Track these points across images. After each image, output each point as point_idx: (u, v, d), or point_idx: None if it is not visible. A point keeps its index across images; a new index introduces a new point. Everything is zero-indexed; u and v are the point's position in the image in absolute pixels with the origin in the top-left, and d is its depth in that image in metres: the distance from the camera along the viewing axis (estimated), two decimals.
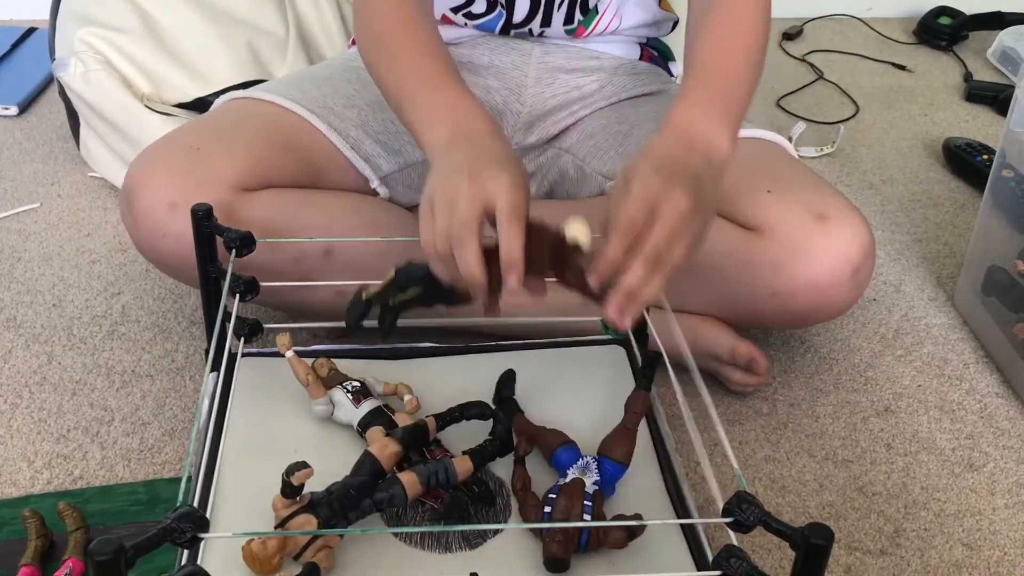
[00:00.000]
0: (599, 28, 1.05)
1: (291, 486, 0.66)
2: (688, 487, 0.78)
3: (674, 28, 1.15)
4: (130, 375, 1.04)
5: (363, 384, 0.82)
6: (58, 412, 0.99)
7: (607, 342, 0.93)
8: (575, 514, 0.70)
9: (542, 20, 1.03)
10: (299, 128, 1.00)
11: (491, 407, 0.80)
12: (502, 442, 0.77)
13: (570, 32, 1.05)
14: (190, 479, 0.74)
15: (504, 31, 1.05)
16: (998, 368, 1.12)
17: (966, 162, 1.53)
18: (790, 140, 1.58)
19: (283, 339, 0.81)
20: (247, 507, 0.71)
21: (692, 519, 0.73)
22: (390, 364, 0.89)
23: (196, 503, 0.71)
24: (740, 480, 0.62)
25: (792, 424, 1.03)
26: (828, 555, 0.54)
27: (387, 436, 0.75)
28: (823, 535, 0.54)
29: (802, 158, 1.56)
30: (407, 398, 0.82)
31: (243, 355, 0.85)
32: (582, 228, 0.69)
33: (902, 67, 1.93)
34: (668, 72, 1.16)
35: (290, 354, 0.81)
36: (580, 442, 0.77)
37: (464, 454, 0.74)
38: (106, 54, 1.31)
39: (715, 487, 0.64)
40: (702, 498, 0.89)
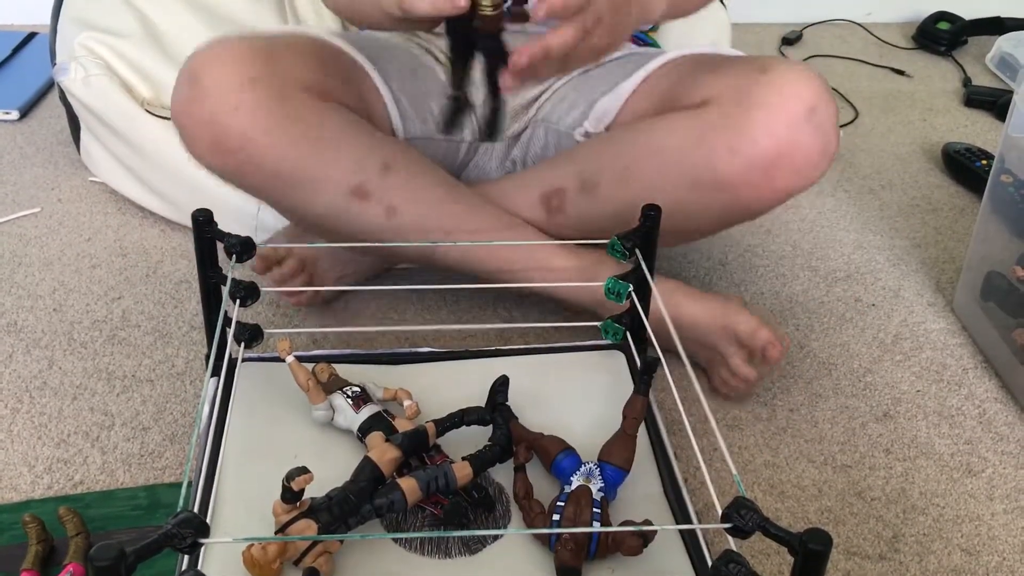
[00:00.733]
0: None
1: (291, 491, 0.66)
2: (687, 492, 0.79)
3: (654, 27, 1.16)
4: (130, 380, 1.04)
5: (363, 389, 0.82)
6: (58, 417, 0.99)
7: (606, 347, 0.93)
8: (584, 521, 0.70)
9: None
10: (352, 67, 1.02)
11: (490, 412, 0.80)
12: (502, 448, 0.77)
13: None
14: (190, 484, 0.75)
15: None
16: (997, 373, 1.13)
17: (965, 167, 1.53)
18: None
19: (283, 344, 0.81)
20: (247, 512, 0.71)
21: (691, 525, 0.73)
22: (390, 369, 0.89)
23: (196, 508, 0.71)
24: (739, 486, 0.62)
25: (791, 429, 1.03)
26: (827, 560, 0.54)
27: (387, 442, 0.75)
28: (821, 541, 0.54)
29: None
30: (407, 403, 0.83)
31: (243, 360, 0.85)
32: None
33: (901, 72, 1.93)
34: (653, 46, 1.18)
35: (290, 359, 0.81)
36: (580, 448, 0.77)
37: (464, 460, 0.74)
38: (107, 59, 1.31)
39: (714, 492, 0.64)
40: (701, 503, 0.89)
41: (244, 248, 0.81)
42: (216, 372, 0.83)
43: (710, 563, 0.69)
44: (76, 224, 1.31)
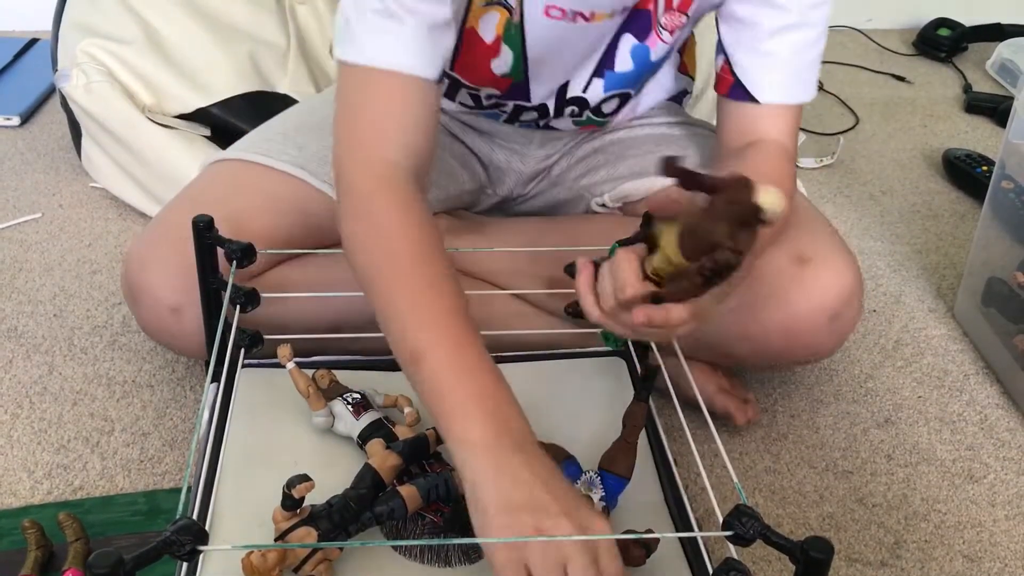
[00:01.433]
0: (612, 125, 1.05)
1: (291, 499, 0.66)
2: (688, 499, 0.78)
3: (686, 96, 1.12)
4: (131, 385, 1.04)
5: (363, 396, 0.82)
6: (58, 422, 0.99)
7: (607, 354, 0.93)
8: None
9: (553, 116, 1.00)
10: (299, 191, 0.93)
11: None
12: None
13: (579, 124, 1.03)
14: (189, 490, 0.74)
15: (508, 122, 1.02)
16: (998, 379, 1.12)
17: (966, 173, 1.53)
18: None
19: (284, 350, 0.81)
20: (247, 519, 0.71)
21: (692, 532, 0.73)
22: (390, 376, 0.89)
23: (196, 515, 0.70)
24: (740, 493, 0.62)
25: (792, 435, 1.03)
26: (828, 568, 0.54)
27: (387, 449, 0.75)
28: (822, 549, 0.54)
29: (802, 169, 1.56)
30: (407, 410, 0.82)
31: (243, 366, 0.85)
32: (777, 200, 0.56)
33: (902, 78, 1.93)
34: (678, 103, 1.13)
35: (291, 365, 0.81)
36: (581, 455, 0.77)
37: None
38: (108, 65, 1.31)
39: (715, 499, 0.64)
40: (702, 510, 0.89)
41: (244, 254, 0.81)
42: (216, 378, 0.83)
43: (711, 571, 0.68)
44: (77, 230, 1.31)
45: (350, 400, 0.81)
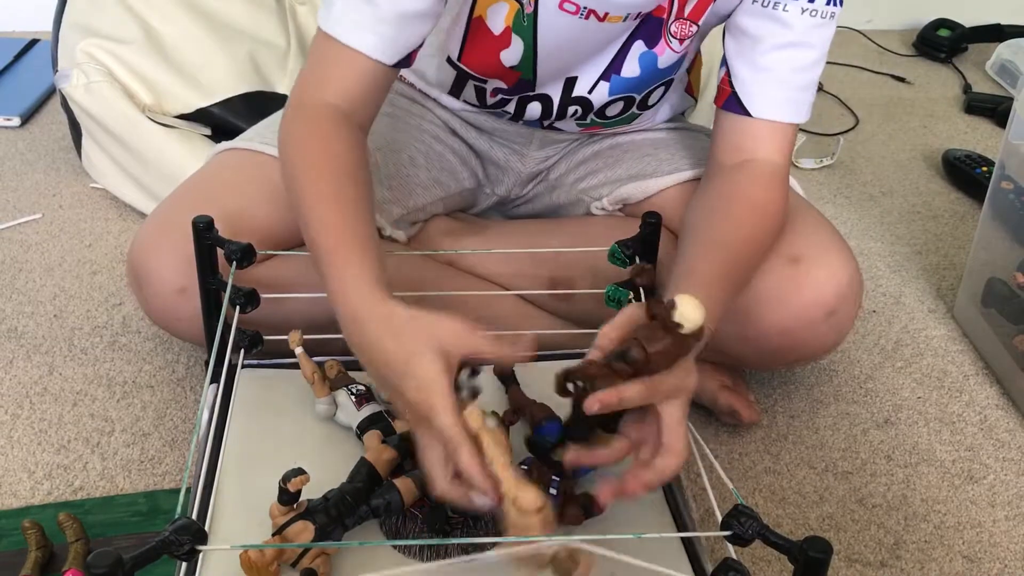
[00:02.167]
0: (622, 131, 1.05)
1: (288, 493, 0.66)
2: (687, 499, 0.78)
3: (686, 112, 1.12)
4: (131, 386, 1.04)
5: (368, 388, 0.82)
6: (59, 423, 0.99)
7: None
8: (546, 473, 0.70)
9: (555, 117, 1.00)
10: None
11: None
12: None
13: (581, 126, 1.03)
14: (188, 490, 0.74)
15: (513, 120, 1.02)
16: (998, 380, 1.12)
17: (965, 174, 1.53)
18: None
19: (295, 336, 0.82)
20: (246, 516, 0.71)
21: (691, 532, 0.73)
22: None
23: (195, 514, 0.70)
24: (736, 495, 0.62)
25: (792, 436, 1.03)
26: (827, 568, 0.54)
27: (383, 443, 0.75)
28: (821, 548, 0.54)
29: (802, 170, 1.57)
30: None
31: (243, 367, 0.85)
32: (695, 309, 0.61)
33: (902, 79, 1.93)
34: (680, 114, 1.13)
35: (300, 350, 0.81)
36: None
37: None
38: (108, 65, 1.31)
39: (714, 499, 0.64)
40: (702, 510, 0.89)
41: (244, 255, 0.81)
42: (216, 378, 0.83)
43: (709, 571, 0.68)
44: (77, 230, 1.31)
45: (354, 391, 0.81)
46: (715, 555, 0.76)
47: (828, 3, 0.85)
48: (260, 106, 1.30)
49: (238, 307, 0.82)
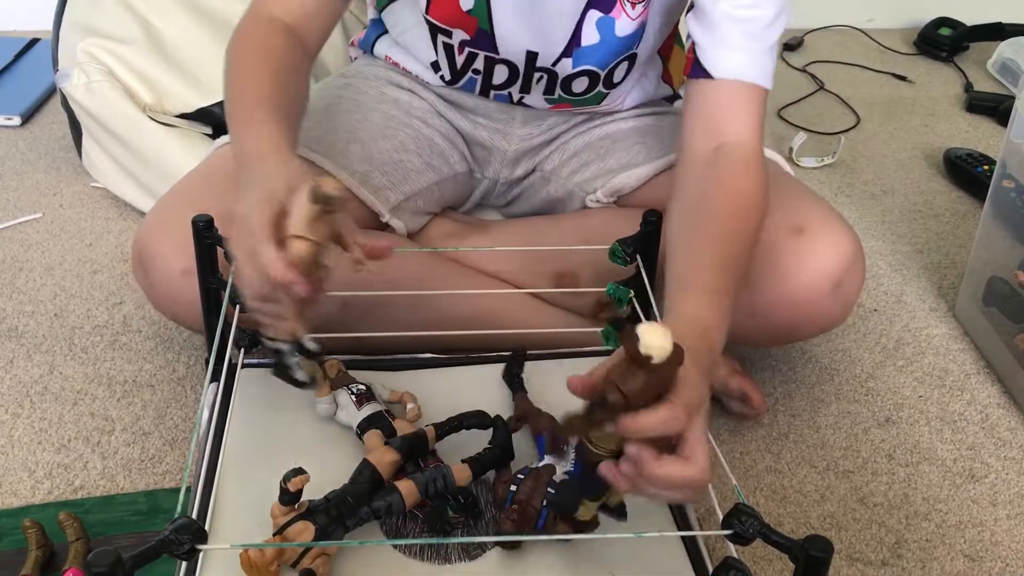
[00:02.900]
0: (598, 119, 1.05)
1: (288, 493, 0.66)
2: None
3: (677, 101, 1.12)
4: (131, 385, 1.04)
5: (369, 388, 0.82)
6: (59, 422, 0.99)
7: (607, 353, 0.93)
8: (536, 497, 0.69)
9: (520, 87, 1.01)
10: (311, 173, 0.94)
11: (490, 416, 0.80)
12: (501, 450, 0.77)
13: (551, 102, 1.03)
14: (188, 489, 0.74)
15: (483, 93, 1.03)
16: (999, 379, 1.12)
17: (967, 172, 1.53)
18: (791, 151, 1.59)
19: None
20: (246, 516, 0.71)
21: (692, 531, 0.73)
22: (391, 375, 0.89)
23: (195, 514, 0.70)
24: (738, 493, 0.62)
25: (793, 435, 1.03)
26: (828, 567, 0.54)
27: (386, 445, 0.75)
28: (822, 547, 0.54)
29: (803, 168, 1.56)
30: (410, 406, 0.83)
31: (243, 366, 0.85)
32: (659, 336, 0.57)
33: (903, 78, 1.93)
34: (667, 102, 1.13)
35: None
36: None
37: (463, 462, 0.74)
38: (109, 65, 1.31)
39: (715, 498, 0.64)
40: (703, 509, 0.89)
41: None
42: (216, 377, 0.83)
43: (711, 570, 0.68)
44: (77, 229, 1.31)
45: (354, 390, 0.81)
46: (716, 554, 0.76)
47: None
48: None
49: (238, 306, 0.82)
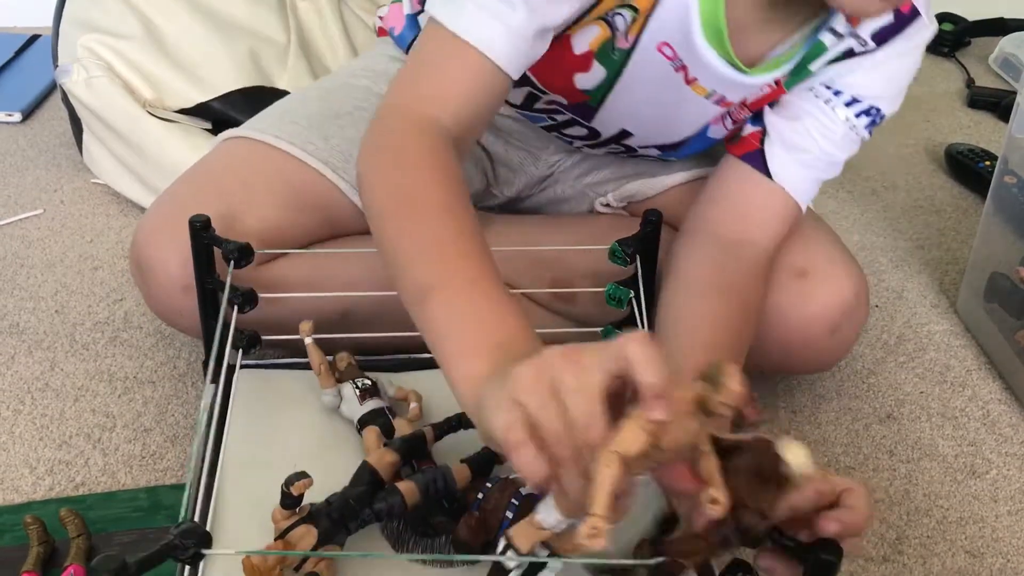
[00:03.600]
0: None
1: (290, 497, 0.66)
2: None
3: None
4: (132, 381, 1.04)
5: (374, 384, 0.82)
6: (60, 418, 0.99)
7: None
8: (500, 508, 0.69)
9: (591, 147, 1.00)
10: (314, 183, 0.92)
11: None
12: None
13: (612, 153, 1.04)
14: (190, 491, 0.74)
15: (549, 129, 1.01)
16: (1000, 375, 1.12)
17: (968, 168, 1.53)
18: None
19: (305, 325, 0.82)
20: (247, 518, 0.71)
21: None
22: (390, 376, 0.89)
23: (197, 515, 0.70)
24: None
25: (794, 431, 1.03)
26: (837, 571, 0.54)
27: (385, 446, 0.75)
28: (831, 551, 0.53)
29: None
30: (412, 406, 0.83)
31: (242, 367, 0.85)
32: (804, 456, 0.53)
33: None
34: None
35: (309, 340, 0.82)
36: None
37: (463, 462, 0.74)
38: (109, 60, 1.31)
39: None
40: None
41: (242, 254, 0.81)
42: (215, 379, 0.83)
43: (717, 572, 0.68)
44: (78, 226, 1.31)
45: (359, 385, 0.81)
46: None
47: (867, 127, 0.90)
48: (260, 101, 1.28)
49: (236, 307, 0.82)
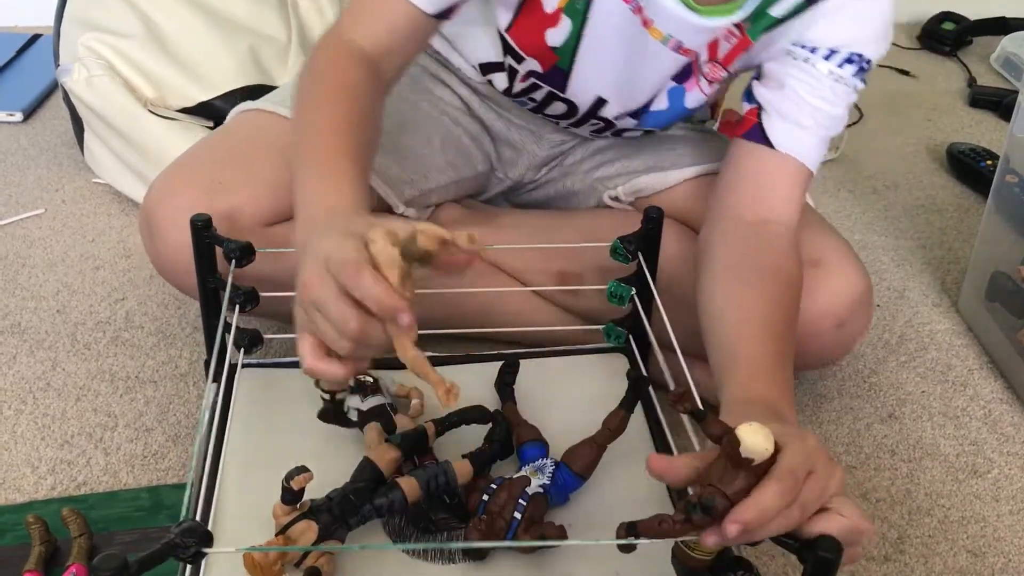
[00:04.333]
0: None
1: (291, 492, 0.66)
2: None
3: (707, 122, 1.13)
4: (133, 381, 1.04)
5: (376, 381, 0.82)
6: (62, 418, 0.99)
7: (608, 350, 0.93)
8: (507, 510, 0.69)
9: (572, 123, 1.01)
10: None
11: (490, 411, 0.80)
12: (501, 445, 0.77)
13: (595, 135, 1.04)
14: (192, 489, 0.74)
15: (533, 111, 1.03)
16: (1002, 374, 1.12)
17: (970, 167, 1.52)
18: None
19: None
20: (248, 516, 0.71)
21: None
22: (391, 374, 0.89)
23: (198, 514, 0.70)
24: None
25: None
26: (836, 568, 0.54)
27: (387, 441, 0.75)
28: (831, 548, 0.53)
29: None
30: (413, 402, 0.83)
31: (243, 366, 0.85)
32: (758, 437, 0.55)
33: (906, 72, 1.93)
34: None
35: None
36: (564, 449, 0.77)
37: (464, 458, 0.74)
38: (109, 59, 1.31)
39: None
40: None
41: (243, 253, 0.81)
42: (216, 378, 0.83)
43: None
44: (80, 225, 1.31)
45: (362, 380, 0.81)
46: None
47: (855, 75, 0.86)
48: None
49: (237, 306, 0.82)
